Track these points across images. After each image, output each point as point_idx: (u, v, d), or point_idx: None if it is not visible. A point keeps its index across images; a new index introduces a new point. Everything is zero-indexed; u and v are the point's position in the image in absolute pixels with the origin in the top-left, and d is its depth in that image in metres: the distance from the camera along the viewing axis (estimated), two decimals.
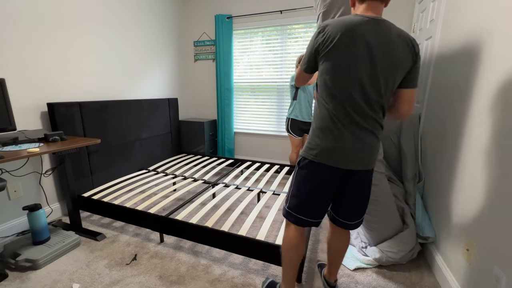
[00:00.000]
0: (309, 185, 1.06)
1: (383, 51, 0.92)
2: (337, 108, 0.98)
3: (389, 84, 0.96)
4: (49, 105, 1.92)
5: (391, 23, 0.95)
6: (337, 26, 0.94)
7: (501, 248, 0.97)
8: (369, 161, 1.03)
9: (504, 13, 1.06)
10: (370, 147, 1.01)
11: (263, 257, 1.46)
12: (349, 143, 0.98)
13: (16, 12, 1.75)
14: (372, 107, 0.96)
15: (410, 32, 2.54)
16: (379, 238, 1.59)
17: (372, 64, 0.92)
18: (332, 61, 0.96)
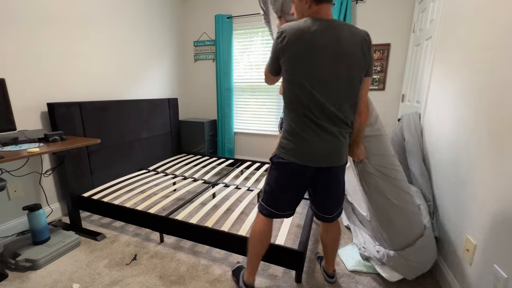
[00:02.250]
0: (280, 181, 1.14)
1: (339, 51, 0.96)
2: (301, 111, 1.03)
3: (352, 81, 1.01)
4: (49, 105, 1.92)
5: (342, 22, 1.00)
6: (293, 32, 0.97)
7: (501, 248, 0.97)
8: (337, 158, 1.08)
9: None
10: (336, 146, 1.06)
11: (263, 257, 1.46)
12: (314, 144, 1.03)
13: (16, 12, 1.75)
14: (337, 107, 1.01)
15: (410, 32, 2.54)
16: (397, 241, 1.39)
17: (331, 66, 0.96)
18: (292, 66, 1.00)
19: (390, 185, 1.32)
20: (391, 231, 1.37)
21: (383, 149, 1.32)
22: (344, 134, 1.07)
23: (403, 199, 1.32)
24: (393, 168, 1.32)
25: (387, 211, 1.34)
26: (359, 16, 2.70)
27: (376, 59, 2.72)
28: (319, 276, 1.47)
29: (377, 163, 1.31)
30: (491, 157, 1.07)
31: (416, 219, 1.36)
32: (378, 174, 1.32)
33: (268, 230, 1.24)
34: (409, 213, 1.33)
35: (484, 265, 1.06)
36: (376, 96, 2.81)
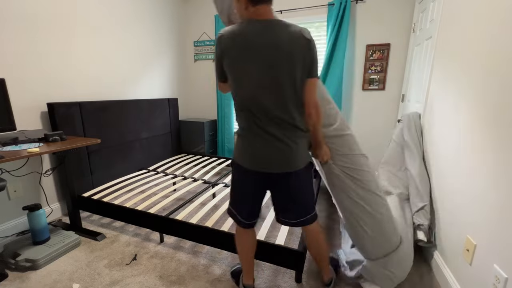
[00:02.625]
0: (236, 184, 1.15)
1: (277, 52, 0.92)
2: (246, 116, 1.02)
3: (294, 83, 0.96)
4: (49, 105, 1.92)
5: (281, 21, 0.95)
6: (229, 36, 0.96)
7: (501, 248, 0.97)
8: (285, 164, 1.04)
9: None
10: (282, 152, 1.02)
11: (263, 257, 1.46)
12: (257, 149, 1.03)
13: (16, 12, 1.75)
14: (281, 110, 0.98)
15: (410, 32, 2.54)
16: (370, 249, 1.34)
17: (269, 68, 0.93)
18: (232, 71, 0.99)
19: (357, 186, 1.27)
20: (362, 236, 1.30)
21: (348, 148, 1.28)
22: (293, 138, 1.03)
23: (372, 201, 1.27)
24: (360, 168, 1.27)
25: (356, 214, 1.29)
26: (359, 16, 2.70)
27: (376, 59, 2.72)
28: (319, 276, 1.47)
29: (342, 164, 1.27)
30: (491, 157, 1.07)
31: (387, 225, 1.30)
32: (344, 175, 1.27)
33: (242, 235, 1.25)
34: (379, 215, 1.27)
35: (484, 265, 1.06)
36: (376, 96, 2.81)
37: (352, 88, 2.90)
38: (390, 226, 1.32)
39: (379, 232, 1.29)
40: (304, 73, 0.98)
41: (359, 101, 2.89)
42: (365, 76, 2.80)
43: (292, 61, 0.93)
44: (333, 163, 1.28)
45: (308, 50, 0.95)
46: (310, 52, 0.96)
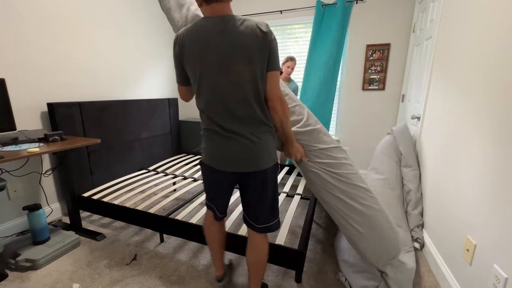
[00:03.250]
0: (207, 183, 1.17)
1: (233, 47, 0.91)
2: (207, 116, 1.02)
3: (254, 78, 0.94)
4: (49, 105, 1.92)
5: (237, 17, 0.94)
6: (185, 36, 0.96)
7: (501, 248, 0.97)
8: (251, 163, 1.01)
9: None
10: (247, 148, 0.99)
11: None
12: (222, 148, 1.02)
13: (16, 12, 1.75)
14: (242, 105, 0.96)
15: (410, 32, 2.54)
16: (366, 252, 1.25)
17: (226, 64, 0.92)
18: (191, 70, 0.98)
19: (337, 181, 1.20)
20: (356, 236, 1.22)
21: (320, 142, 1.22)
22: (257, 134, 1.00)
23: (357, 195, 1.19)
24: (338, 161, 1.21)
25: (342, 211, 1.22)
26: (360, 16, 2.70)
27: (376, 59, 2.72)
28: (319, 276, 1.47)
29: (317, 160, 1.21)
30: (491, 157, 1.07)
31: (381, 219, 1.20)
32: (322, 171, 1.20)
33: (212, 223, 1.26)
34: (367, 210, 1.19)
35: (484, 265, 1.06)
36: (376, 96, 2.81)
37: (352, 88, 2.90)
38: (384, 221, 1.21)
39: (372, 229, 1.19)
40: (263, 66, 0.95)
41: (359, 101, 2.89)
42: (365, 76, 2.80)
43: (249, 54, 0.91)
44: (308, 160, 1.23)
45: (265, 42, 0.92)
46: (268, 45, 0.93)
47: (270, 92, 0.99)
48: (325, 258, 1.62)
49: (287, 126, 1.09)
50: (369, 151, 2.97)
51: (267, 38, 0.93)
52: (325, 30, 2.77)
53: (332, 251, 1.69)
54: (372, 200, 1.22)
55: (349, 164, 1.24)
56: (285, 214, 1.99)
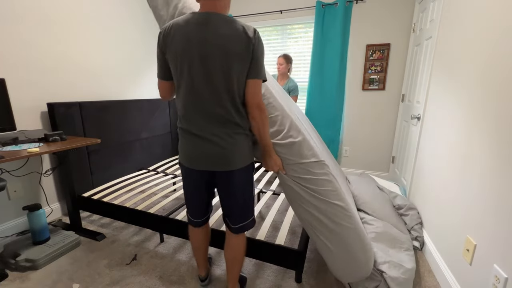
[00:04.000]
0: (184, 183, 1.18)
1: (213, 47, 0.90)
2: (183, 114, 1.02)
3: (231, 80, 0.93)
4: (49, 105, 1.91)
5: (224, 16, 0.92)
6: (172, 27, 0.94)
7: (501, 248, 0.97)
8: (223, 162, 1.02)
9: None
10: (220, 147, 1.00)
11: (263, 257, 1.46)
12: (192, 146, 1.03)
13: (16, 12, 1.75)
14: (219, 106, 0.96)
15: (410, 32, 2.54)
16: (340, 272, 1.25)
17: (203, 62, 0.91)
18: (172, 64, 0.97)
19: (311, 197, 1.16)
20: (328, 253, 1.21)
21: (299, 156, 1.16)
22: (231, 133, 1.00)
23: (331, 212, 1.16)
24: (315, 177, 1.16)
25: (315, 227, 1.20)
26: (360, 16, 2.70)
27: (376, 59, 2.72)
28: (319, 276, 1.47)
29: (294, 174, 1.17)
30: (492, 156, 1.07)
31: (353, 241, 1.18)
32: (297, 186, 1.17)
33: (194, 230, 1.27)
34: (340, 229, 1.17)
35: (484, 265, 1.06)
36: (376, 96, 2.81)
37: (352, 88, 2.90)
38: (356, 242, 1.18)
39: (341, 247, 1.18)
40: (242, 71, 0.94)
41: (359, 101, 2.89)
42: (365, 76, 2.80)
43: (229, 57, 0.90)
44: (285, 174, 1.19)
45: (248, 47, 0.91)
46: (251, 51, 0.92)
47: (250, 99, 0.99)
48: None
49: (264, 134, 1.06)
50: (369, 151, 2.97)
51: (252, 44, 0.91)
52: (327, 30, 2.78)
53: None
54: (347, 219, 1.18)
55: (328, 180, 1.19)
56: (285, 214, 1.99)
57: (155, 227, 1.73)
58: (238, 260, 1.23)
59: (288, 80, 2.67)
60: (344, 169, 3.11)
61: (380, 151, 2.92)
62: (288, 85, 2.64)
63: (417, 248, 1.69)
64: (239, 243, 1.20)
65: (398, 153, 2.68)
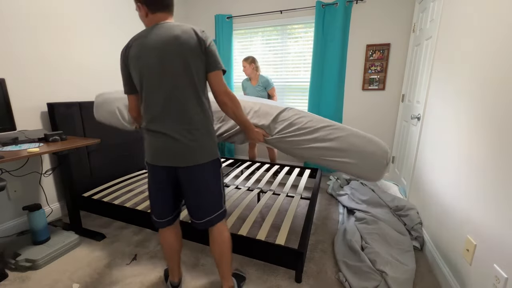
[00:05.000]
0: (148, 181, 1.19)
1: (169, 51, 0.99)
2: (146, 114, 1.08)
3: (192, 79, 1.02)
4: (49, 105, 1.92)
5: (175, 23, 1.03)
6: (131, 43, 1.05)
7: (501, 248, 0.97)
8: (185, 158, 1.06)
9: None
10: (181, 145, 1.04)
11: (263, 257, 1.47)
12: (158, 144, 1.07)
13: (16, 12, 1.75)
14: (179, 105, 1.02)
15: (410, 32, 2.54)
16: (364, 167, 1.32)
17: (163, 66, 0.99)
18: (135, 76, 1.05)
19: (303, 135, 1.32)
20: (350, 169, 1.30)
21: (268, 116, 1.38)
22: (194, 131, 1.06)
23: (326, 136, 1.31)
24: (291, 120, 1.35)
25: (325, 156, 1.31)
26: (360, 16, 2.70)
27: (376, 59, 2.72)
28: (319, 276, 1.47)
29: (277, 131, 1.35)
30: (492, 156, 1.07)
31: (355, 141, 1.30)
32: (287, 137, 1.33)
33: (162, 232, 1.26)
34: (342, 142, 1.30)
35: (484, 265, 1.06)
36: (376, 96, 2.81)
37: (352, 88, 2.90)
38: (358, 140, 1.30)
39: (354, 153, 1.28)
40: (200, 67, 1.03)
41: (359, 101, 2.89)
42: (365, 76, 2.80)
43: (185, 56, 0.99)
44: (270, 137, 1.36)
45: (200, 45, 1.00)
46: (204, 47, 1.01)
47: (216, 89, 1.08)
48: (325, 258, 1.62)
49: (240, 115, 1.18)
50: None
51: (203, 41, 1.01)
52: (327, 30, 2.78)
53: (332, 251, 1.69)
54: (338, 131, 1.32)
55: (302, 116, 1.38)
56: (285, 214, 1.99)
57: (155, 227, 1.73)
58: (224, 254, 1.23)
59: (260, 77, 2.77)
60: None
61: None
62: (260, 82, 2.76)
63: (417, 248, 1.69)
64: (222, 237, 1.21)
65: (398, 153, 2.68)
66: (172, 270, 1.32)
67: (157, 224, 1.23)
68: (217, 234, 1.21)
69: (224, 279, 1.27)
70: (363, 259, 1.44)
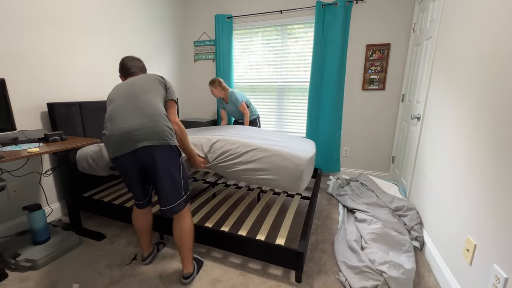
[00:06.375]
0: (121, 175, 1.36)
1: (142, 84, 1.35)
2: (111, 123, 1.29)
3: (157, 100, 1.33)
4: (49, 105, 1.91)
5: (144, 74, 1.47)
6: (113, 88, 1.39)
7: (501, 248, 0.97)
8: (144, 138, 1.20)
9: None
10: (140, 128, 1.21)
11: (263, 257, 1.47)
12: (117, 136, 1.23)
13: (16, 12, 1.75)
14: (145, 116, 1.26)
15: (410, 32, 2.54)
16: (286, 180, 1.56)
17: (127, 97, 1.30)
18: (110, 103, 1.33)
19: (232, 159, 1.62)
20: (273, 183, 1.55)
21: (205, 148, 1.70)
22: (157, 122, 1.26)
23: (249, 158, 1.59)
24: (223, 149, 1.65)
25: (254, 175, 1.58)
26: (360, 16, 2.70)
27: (376, 59, 2.73)
28: (319, 276, 1.47)
29: (213, 159, 1.66)
30: (492, 156, 1.07)
31: (274, 159, 1.54)
32: (221, 162, 1.63)
33: (137, 212, 1.47)
34: (261, 161, 1.57)
35: (484, 265, 1.06)
36: (376, 96, 2.81)
37: (352, 88, 2.90)
38: (277, 159, 1.55)
39: (278, 170, 1.53)
40: (159, 95, 1.35)
41: (359, 101, 2.89)
42: (365, 76, 2.80)
43: (152, 91, 1.34)
44: (209, 164, 1.69)
45: (162, 82, 1.41)
46: (164, 83, 1.41)
47: (170, 117, 1.37)
48: (325, 258, 1.62)
49: (186, 144, 1.49)
50: (369, 151, 2.97)
51: (163, 80, 1.43)
52: (327, 30, 2.78)
53: (332, 251, 1.69)
54: (260, 152, 1.60)
55: (231, 143, 1.68)
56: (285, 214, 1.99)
57: (155, 227, 1.73)
58: (185, 241, 1.35)
59: (229, 95, 2.75)
60: (344, 169, 3.11)
61: (380, 151, 2.92)
62: (231, 100, 2.76)
63: (417, 248, 1.69)
64: (182, 225, 1.34)
65: (398, 153, 2.68)
66: (141, 244, 1.54)
67: (137, 205, 1.47)
68: (178, 222, 1.35)
69: (184, 264, 1.39)
70: (363, 259, 1.44)
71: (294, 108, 3.27)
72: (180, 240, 1.35)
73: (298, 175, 1.50)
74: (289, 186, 1.54)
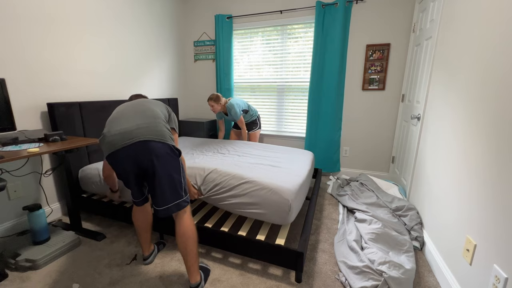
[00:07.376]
0: (116, 173, 1.36)
1: (142, 100, 1.44)
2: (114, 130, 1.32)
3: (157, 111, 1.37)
4: (49, 105, 1.91)
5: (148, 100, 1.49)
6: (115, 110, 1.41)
7: (501, 248, 0.97)
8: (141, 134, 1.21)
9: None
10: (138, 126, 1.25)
11: (263, 257, 1.47)
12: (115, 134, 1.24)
13: (16, 12, 1.75)
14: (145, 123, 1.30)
15: (410, 32, 2.54)
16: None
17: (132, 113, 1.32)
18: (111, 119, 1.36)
19: (224, 193, 1.66)
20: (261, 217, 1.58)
21: (200, 180, 1.74)
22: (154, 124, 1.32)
23: (240, 192, 1.62)
24: (215, 182, 1.70)
25: (243, 207, 1.61)
26: (360, 16, 2.70)
27: (376, 59, 2.73)
28: (319, 276, 1.47)
29: (206, 191, 1.71)
30: (491, 156, 1.07)
31: (263, 193, 1.56)
32: (213, 194, 1.69)
33: (136, 210, 1.47)
34: (250, 195, 1.59)
35: (484, 265, 1.06)
36: (376, 96, 2.81)
37: (352, 88, 2.90)
38: (264, 193, 1.56)
39: (263, 203, 1.55)
40: (165, 117, 1.42)
41: (359, 101, 2.89)
42: (365, 76, 2.80)
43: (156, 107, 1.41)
44: (202, 196, 1.73)
45: (165, 107, 1.49)
46: (169, 114, 1.49)
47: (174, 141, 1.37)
48: (325, 258, 1.62)
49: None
50: (369, 151, 2.97)
51: (167, 106, 1.52)
52: (327, 30, 2.78)
53: (332, 251, 1.69)
54: (250, 186, 1.61)
55: (224, 175, 1.71)
56: None
57: (155, 227, 1.73)
58: (189, 248, 1.27)
59: (228, 110, 2.77)
60: (344, 169, 3.11)
61: (380, 151, 2.92)
62: (230, 114, 2.78)
63: (417, 248, 1.69)
64: (185, 231, 1.27)
65: (398, 153, 2.68)
66: (141, 244, 1.54)
67: (135, 203, 1.45)
68: (181, 228, 1.28)
69: (190, 273, 1.30)
70: (363, 259, 1.44)
71: (294, 108, 3.27)
72: (184, 248, 1.27)
73: (286, 209, 1.50)
74: (278, 220, 1.54)
